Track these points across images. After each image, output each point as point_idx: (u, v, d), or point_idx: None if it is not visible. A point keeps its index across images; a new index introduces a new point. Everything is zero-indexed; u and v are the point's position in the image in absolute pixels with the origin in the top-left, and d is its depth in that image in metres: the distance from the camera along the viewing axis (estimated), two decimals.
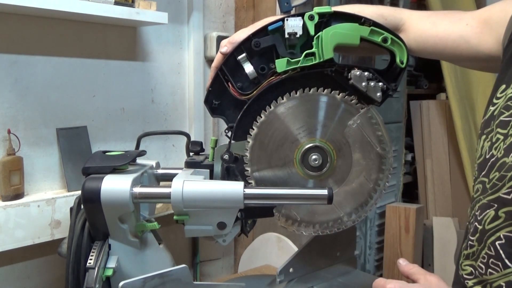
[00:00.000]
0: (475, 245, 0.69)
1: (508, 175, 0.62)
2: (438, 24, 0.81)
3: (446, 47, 0.80)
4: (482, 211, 0.68)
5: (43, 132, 1.21)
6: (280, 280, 0.84)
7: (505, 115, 0.66)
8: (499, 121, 0.67)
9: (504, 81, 0.70)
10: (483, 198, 0.68)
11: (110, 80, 1.34)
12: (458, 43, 0.79)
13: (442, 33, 0.79)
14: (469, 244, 0.70)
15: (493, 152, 0.67)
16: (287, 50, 0.73)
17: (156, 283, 0.67)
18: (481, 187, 0.69)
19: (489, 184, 0.67)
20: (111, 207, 0.70)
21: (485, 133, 0.71)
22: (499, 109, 0.68)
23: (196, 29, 1.52)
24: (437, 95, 2.25)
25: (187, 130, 1.55)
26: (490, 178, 0.67)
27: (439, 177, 2.08)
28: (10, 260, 1.18)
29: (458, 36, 0.78)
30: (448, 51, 0.80)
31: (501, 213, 0.64)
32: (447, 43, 0.79)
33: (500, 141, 0.66)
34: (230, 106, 0.76)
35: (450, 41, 0.79)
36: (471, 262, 0.70)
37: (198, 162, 0.80)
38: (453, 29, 0.79)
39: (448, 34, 0.79)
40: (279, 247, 1.45)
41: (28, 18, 1.16)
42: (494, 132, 0.68)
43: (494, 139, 0.68)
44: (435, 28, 0.80)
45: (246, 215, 0.77)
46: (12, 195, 1.11)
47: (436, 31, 0.80)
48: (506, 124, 0.66)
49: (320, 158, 0.74)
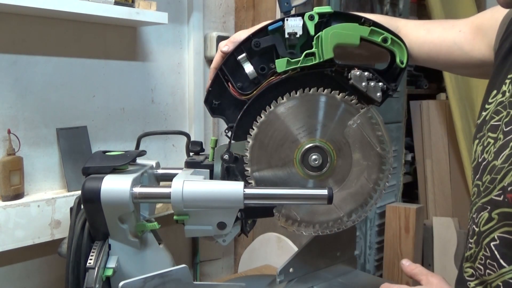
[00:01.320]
0: (473, 247, 0.70)
1: (498, 178, 0.64)
2: (433, 31, 0.82)
3: (440, 53, 0.81)
4: (478, 213, 0.69)
5: (43, 132, 1.21)
6: (280, 280, 0.84)
7: (495, 119, 0.68)
8: (490, 126, 0.69)
9: (495, 86, 0.72)
10: (478, 201, 0.69)
11: (110, 80, 1.34)
12: (452, 49, 0.80)
13: (436, 39, 0.81)
14: (468, 246, 0.72)
15: (485, 156, 0.69)
16: (287, 50, 0.73)
17: (156, 283, 0.67)
18: (477, 190, 0.71)
19: (483, 187, 0.68)
20: (111, 207, 0.70)
21: (478, 138, 0.73)
22: (490, 114, 0.70)
23: (196, 29, 1.52)
24: (437, 95, 2.25)
25: (187, 130, 1.55)
26: (483, 181, 0.68)
27: (439, 177, 2.08)
28: (10, 260, 1.18)
29: (452, 43, 0.80)
30: (442, 57, 0.81)
31: (494, 215, 0.65)
32: (441, 50, 0.81)
33: (490, 145, 0.68)
34: (230, 106, 0.76)
35: (444, 47, 0.81)
36: (471, 264, 0.71)
37: (198, 162, 0.80)
38: (446, 36, 0.81)
39: (442, 41, 0.81)
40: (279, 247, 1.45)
41: (28, 18, 1.16)
42: (485, 137, 0.70)
43: (485, 143, 0.70)
44: (429, 35, 0.82)
45: (246, 215, 0.77)
46: (12, 195, 1.11)
47: (431, 38, 0.82)
48: (496, 128, 0.68)
49: (320, 158, 0.74)
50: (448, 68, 0.91)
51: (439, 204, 2.07)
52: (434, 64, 0.85)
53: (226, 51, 0.76)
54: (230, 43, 0.76)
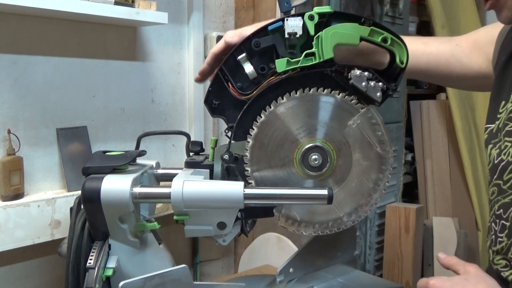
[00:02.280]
0: (504, 240, 0.74)
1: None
2: (430, 44, 0.86)
3: (438, 65, 0.85)
4: (505, 209, 0.73)
5: (43, 132, 1.21)
6: (280, 280, 0.84)
7: (510, 125, 0.73)
8: (506, 131, 0.73)
9: (502, 97, 0.76)
10: (503, 198, 0.73)
11: (110, 80, 1.34)
12: (449, 61, 0.84)
13: (434, 51, 0.85)
14: (498, 240, 0.76)
15: (503, 157, 0.73)
16: (287, 50, 0.73)
17: (156, 283, 0.67)
18: (497, 189, 0.75)
19: (506, 186, 0.72)
20: (111, 207, 0.70)
21: (492, 143, 0.77)
22: (503, 122, 0.74)
23: (196, 29, 1.52)
24: (437, 95, 2.25)
25: (187, 130, 1.55)
26: (505, 180, 0.72)
27: (439, 177, 2.08)
28: (10, 260, 1.18)
29: (450, 55, 0.84)
30: (440, 69, 0.85)
31: None
32: (440, 62, 0.84)
33: (508, 147, 0.72)
34: (230, 106, 0.76)
35: (443, 59, 0.84)
36: (503, 256, 0.75)
37: (198, 162, 0.80)
38: (444, 48, 0.85)
39: (440, 53, 0.85)
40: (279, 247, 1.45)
41: (28, 18, 1.16)
42: (502, 141, 0.74)
43: (502, 146, 0.74)
44: (427, 47, 0.85)
45: (246, 215, 0.77)
46: (12, 195, 1.11)
47: (429, 50, 0.85)
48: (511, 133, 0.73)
49: (320, 158, 0.74)
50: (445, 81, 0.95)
51: (439, 204, 2.07)
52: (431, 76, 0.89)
53: (230, 42, 0.77)
54: (236, 36, 0.77)
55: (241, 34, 0.77)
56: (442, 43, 0.86)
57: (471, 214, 2.10)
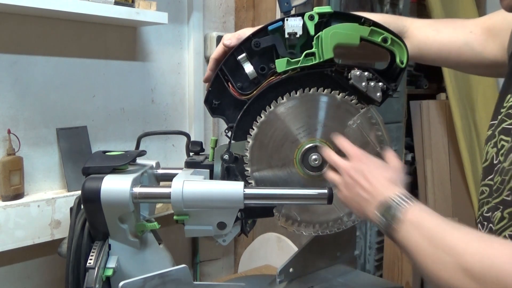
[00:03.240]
0: None
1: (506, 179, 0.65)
2: (442, 31, 0.82)
3: (450, 53, 0.81)
4: (492, 212, 0.70)
5: (43, 132, 1.21)
6: (280, 280, 0.84)
7: (507, 122, 0.69)
8: (502, 128, 0.70)
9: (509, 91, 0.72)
10: (492, 201, 0.71)
11: (110, 80, 1.34)
12: (462, 50, 0.80)
13: (446, 39, 0.81)
14: None
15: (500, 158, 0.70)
16: (287, 50, 0.73)
17: (156, 283, 0.67)
18: (487, 190, 0.72)
19: (494, 187, 0.70)
20: (111, 207, 0.70)
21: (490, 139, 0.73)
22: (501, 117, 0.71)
23: (196, 29, 1.52)
24: (437, 95, 2.25)
25: (187, 130, 1.55)
26: (495, 181, 0.69)
27: (439, 177, 2.08)
28: (10, 260, 1.18)
29: (463, 43, 0.80)
30: (452, 57, 0.81)
31: (506, 214, 0.66)
32: (452, 50, 0.81)
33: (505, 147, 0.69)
34: (230, 106, 0.76)
35: (455, 47, 0.80)
36: None
37: (198, 162, 0.80)
38: (457, 36, 0.80)
39: (453, 41, 0.80)
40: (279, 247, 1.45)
41: (28, 18, 1.16)
42: (498, 139, 0.71)
43: (499, 145, 0.70)
44: (439, 35, 0.81)
45: (246, 215, 0.77)
46: (12, 195, 1.11)
47: (440, 38, 0.81)
48: (508, 131, 0.68)
49: (320, 158, 0.74)
50: (459, 68, 0.90)
51: (439, 204, 2.07)
52: (443, 63, 0.85)
53: (228, 45, 0.76)
54: (234, 38, 0.76)
55: (239, 36, 0.76)
56: (455, 30, 0.81)
57: (471, 214, 2.10)
